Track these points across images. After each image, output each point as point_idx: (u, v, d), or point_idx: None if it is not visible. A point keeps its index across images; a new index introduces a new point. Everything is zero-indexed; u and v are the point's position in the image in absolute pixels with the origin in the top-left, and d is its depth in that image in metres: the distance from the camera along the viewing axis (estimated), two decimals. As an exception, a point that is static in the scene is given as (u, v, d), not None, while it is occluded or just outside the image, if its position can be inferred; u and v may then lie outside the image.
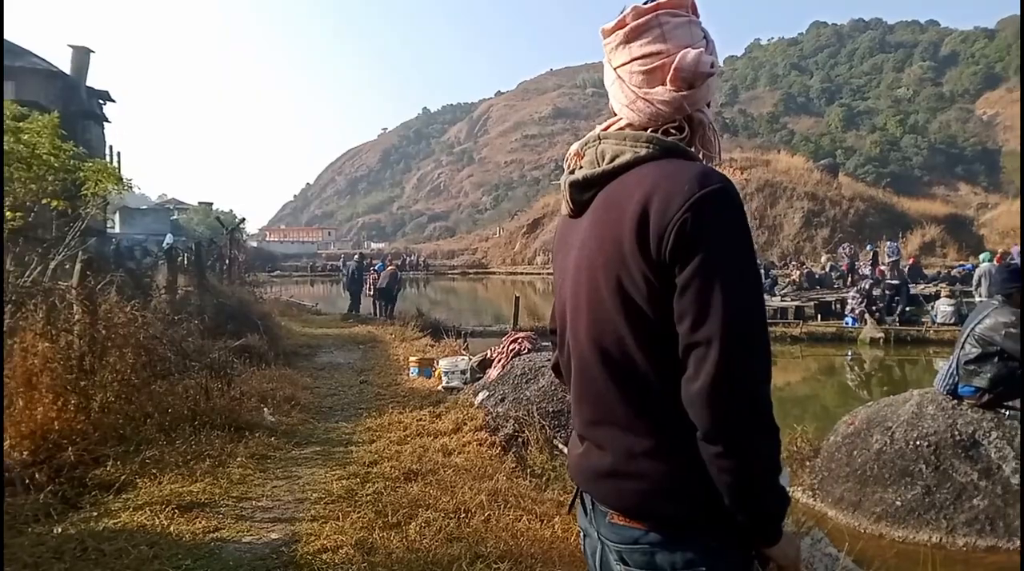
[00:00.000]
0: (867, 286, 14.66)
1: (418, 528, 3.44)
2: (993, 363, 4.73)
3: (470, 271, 48.34)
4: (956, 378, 4.93)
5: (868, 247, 26.17)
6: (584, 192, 1.30)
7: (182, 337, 7.05)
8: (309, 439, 5.46)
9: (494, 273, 45.56)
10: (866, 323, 13.47)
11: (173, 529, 3.53)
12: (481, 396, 6.41)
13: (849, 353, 12.81)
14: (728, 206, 1.12)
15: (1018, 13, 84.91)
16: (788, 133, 75.24)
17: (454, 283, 42.43)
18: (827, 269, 23.09)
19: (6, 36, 4.67)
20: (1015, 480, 4.41)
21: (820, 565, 3.29)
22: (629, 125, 1.27)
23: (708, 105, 1.29)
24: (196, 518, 3.69)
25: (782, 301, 16.86)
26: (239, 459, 4.69)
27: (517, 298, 12.71)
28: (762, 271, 18.29)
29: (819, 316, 15.83)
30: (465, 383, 7.43)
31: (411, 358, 8.78)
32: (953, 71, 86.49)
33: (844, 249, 23.95)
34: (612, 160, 1.24)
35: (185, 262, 13.29)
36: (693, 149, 1.26)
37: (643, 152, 1.21)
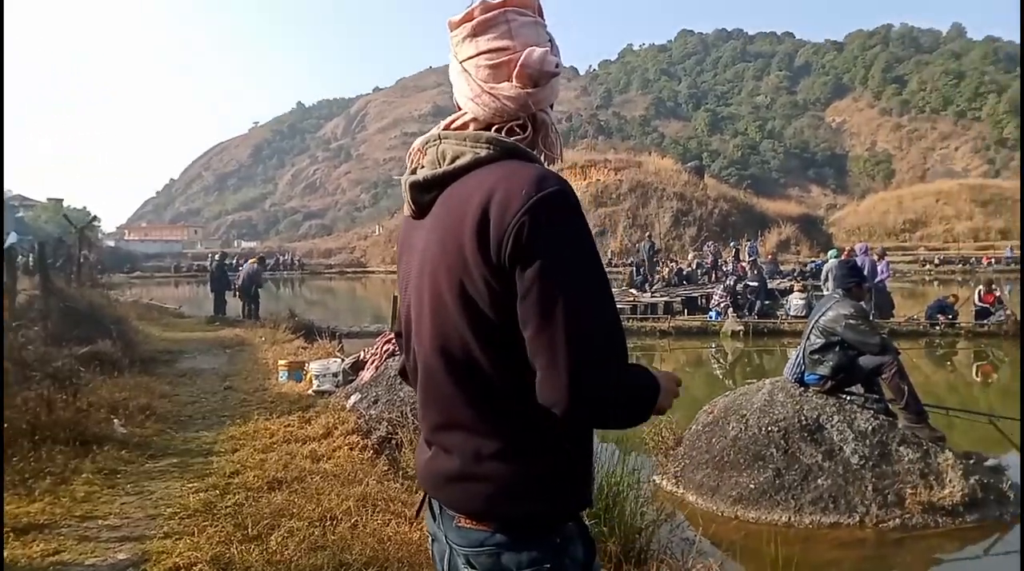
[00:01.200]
0: (731, 282, 15.53)
1: (280, 539, 3.30)
2: (835, 352, 5.12)
3: (348, 270, 47.31)
4: (803, 367, 5.30)
5: (731, 245, 27.74)
6: (425, 193, 1.27)
7: (21, 345, 6.47)
8: (165, 451, 5.13)
9: (373, 272, 44.78)
10: (728, 317, 14.24)
11: (7, 554, 3.23)
12: (354, 399, 6.26)
13: (713, 345, 13.48)
14: (565, 208, 1.12)
15: (862, 28, 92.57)
16: (659, 136, 78.57)
17: (331, 283, 41.41)
18: (694, 266, 24.24)
19: None
20: (855, 460, 4.78)
21: (677, 549, 3.43)
22: (474, 119, 1.25)
23: (552, 107, 1.30)
24: (33, 541, 3.40)
25: (652, 297, 17.56)
26: (84, 475, 4.35)
27: (395, 297, 12.52)
28: (634, 269, 19.12)
29: (686, 311, 16.59)
30: (337, 386, 7.24)
31: (280, 362, 8.45)
32: (806, 80, 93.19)
33: (709, 247, 25.25)
34: (453, 161, 1.22)
35: (29, 263, 12.24)
36: (536, 150, 1.26)
37: (483, 153, 1.19)
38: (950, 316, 13.57)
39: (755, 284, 15.65)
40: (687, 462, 5.28)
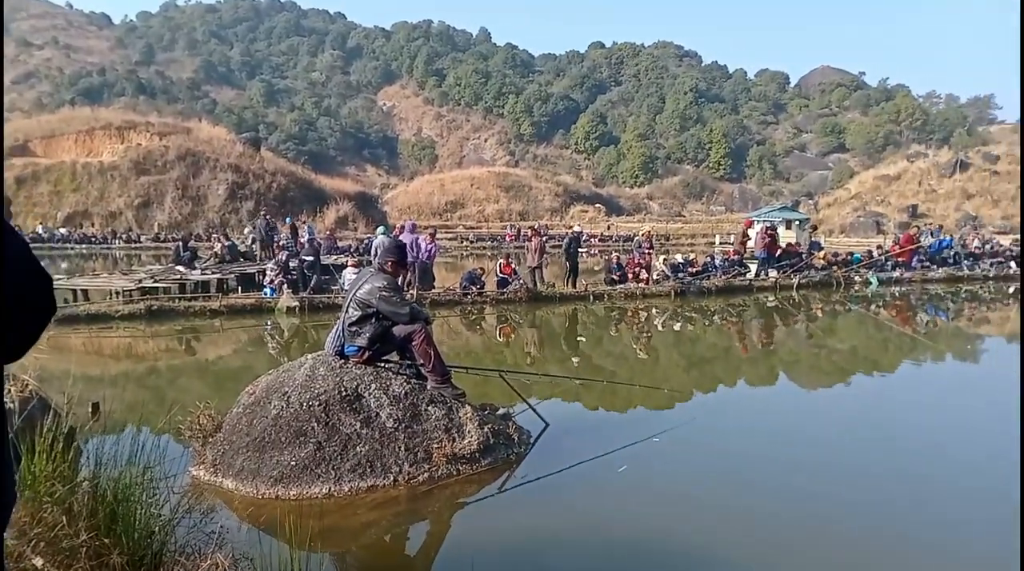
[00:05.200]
0: (284, 258, 15.36)
1: None
2: (371, 324, 5.35)
3: None
4: (343, 339, 5.43)
5: (287, 220, 27.54)
6: None
7: None
8: None
9: None
10: (283, 293, 14.09)
11: None
12: None
13: (268, 323, 13.19)
14: None
15: (406, 20, 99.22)
16: (210, 102, 73.94)
17: None
18: (250, 242, 23.48)
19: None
20: (390, 424, 5.07)
21: (201, 545, 3.21)
22: None
23: None
24: None
25: (203, 274, 16.48)
26: None
27: None
28: (180, 244, 17.68)
29: (240, 288, 15.96)
30: None
31: None
32: (359, 63, 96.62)
33: (266, 222, 24.64)
34: None
35: None
36: None
37: None
38: (479, 286, 15.49)
39: (310, 259, 15.76)
40: (226, 448, 5.01)
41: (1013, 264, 23.02)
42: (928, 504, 4.93)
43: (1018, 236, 32.33)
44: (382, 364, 5.60)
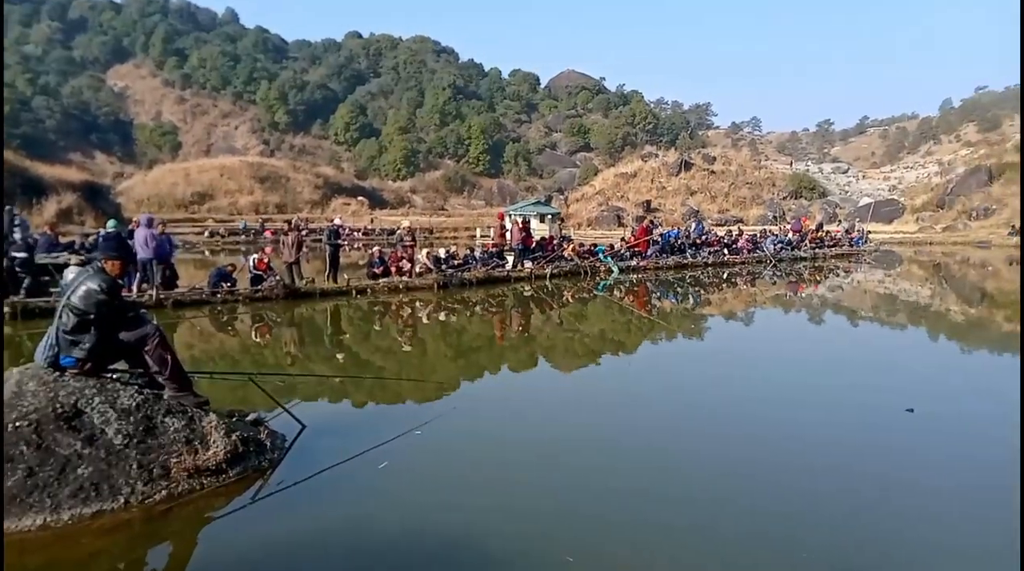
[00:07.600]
0: (-11, 257, 13.20)
1: None
2: (92, 330, 4.74)
3: None
4: (57, 349, 4.76)
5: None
6: None
7: None
8: None
9: None
10: (-12, 298, 12.13)
11: None
12: None
13: (-31, 333, 11.28)
14: None
15: None
16: None
17: None
18: None
19: None
20: (118, 440, 4.54)
21: None
22: None
23: None
24: None
25: None
26: None
27: None
28: None
29: (-70, 294, 13.45)
30: None
31: None
32: (83, 37, 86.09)
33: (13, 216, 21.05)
34: None
35: None
36: None
37: None
38: (230, 283, 14.53)
39: (22, 256, 13.71)
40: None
41: (726, 251, 26.45)
42: (695, 467, 5.45)
43: (732, 227, 37.18)
44: (109, 374, 4.99)
